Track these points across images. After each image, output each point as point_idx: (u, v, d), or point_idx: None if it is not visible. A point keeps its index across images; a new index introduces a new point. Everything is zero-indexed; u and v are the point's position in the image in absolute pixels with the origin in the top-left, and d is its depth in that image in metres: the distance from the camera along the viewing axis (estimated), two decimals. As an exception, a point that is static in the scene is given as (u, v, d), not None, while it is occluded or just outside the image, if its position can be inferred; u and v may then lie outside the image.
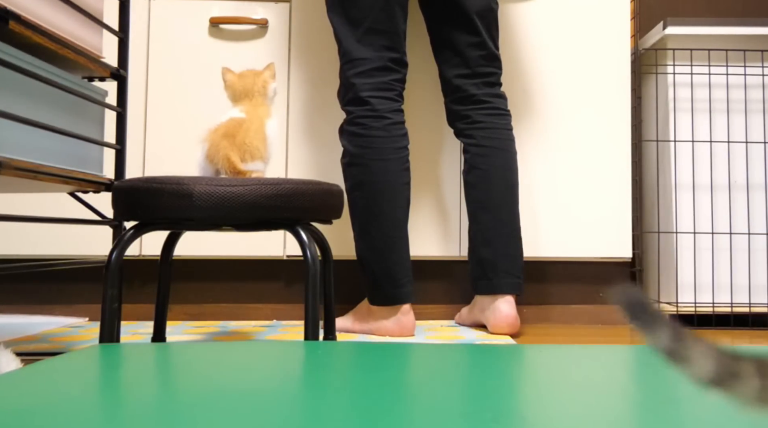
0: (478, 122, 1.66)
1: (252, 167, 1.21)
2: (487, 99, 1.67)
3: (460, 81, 1.67)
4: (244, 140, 1.21)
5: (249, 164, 1.21)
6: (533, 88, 1.92)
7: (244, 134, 1.22)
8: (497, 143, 1.65)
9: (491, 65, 1.67)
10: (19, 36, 1.06)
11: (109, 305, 1.04)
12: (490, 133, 1.66)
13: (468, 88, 1.66)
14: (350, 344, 0.85)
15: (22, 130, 1.07)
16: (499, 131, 1.67)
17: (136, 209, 1.06)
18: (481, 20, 1.64)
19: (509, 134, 1.68)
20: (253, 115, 1.27)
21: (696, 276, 1.86)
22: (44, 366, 0.69)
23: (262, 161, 1.24)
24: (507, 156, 1.66)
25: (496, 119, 1.67)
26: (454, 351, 0.79)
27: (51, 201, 1.82)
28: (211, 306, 1.90)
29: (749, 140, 1.88)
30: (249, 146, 1.21)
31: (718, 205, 1.87)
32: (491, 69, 1.67)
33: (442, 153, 1.90)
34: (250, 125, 1.24)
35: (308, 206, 1.11)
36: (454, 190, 1.89)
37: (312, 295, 1.07)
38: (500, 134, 1.67)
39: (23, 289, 1.88)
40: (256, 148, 1.22)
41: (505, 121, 1.68)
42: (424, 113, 1.90)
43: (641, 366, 0.71)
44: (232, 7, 1.88)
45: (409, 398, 0.55)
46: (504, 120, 1.68)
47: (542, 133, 1.91)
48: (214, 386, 0.60)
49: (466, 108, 1.68)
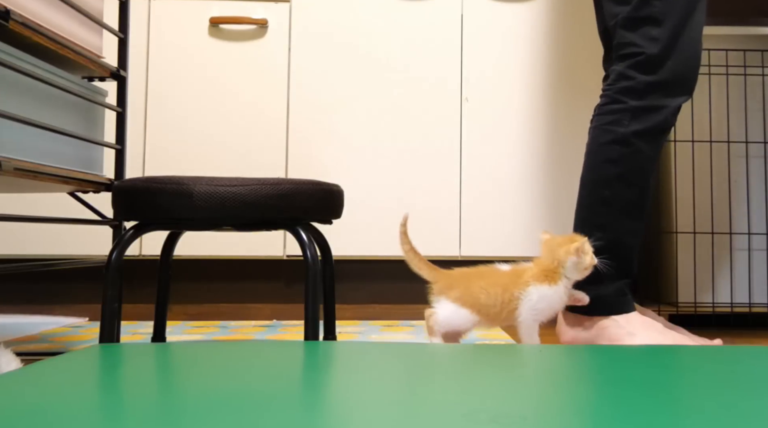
0: None
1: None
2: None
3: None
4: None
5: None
6: (534, 88, 1.92)
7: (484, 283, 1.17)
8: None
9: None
10: (19, 36, 1.06)
11: (109, 305, 1.04)
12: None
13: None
14: (350, 344, 0.85)
15: (22, 130, 1.07)
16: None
17: (136, 209, 1.06)
18: None
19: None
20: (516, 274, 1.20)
21: (696, 276, 1.86)
22: (44, 366, 0.69)
23: (458, 305, 1.18)
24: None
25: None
26: (454, 351, 0.79)
27: (51, 201, 1.82)
28: (211, 306, 1.90)
29: (749, 140, 1.88)
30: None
31: (718, 205, 1.87)
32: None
33: (443, 152, 1.90)
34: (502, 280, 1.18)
35: (308, 206, 1.11)
36: (454, 189, 1.89)
37: (312, 295, 1.07)
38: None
39: (23, 289, 1.88)
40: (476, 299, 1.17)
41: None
42: (424, 111, 1.90)
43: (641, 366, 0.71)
44: (232, 7, 1.88)
45: (409, 398, 0.55)
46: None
47: (542, 132, 1.91)
48: (214, 386, 0.60)
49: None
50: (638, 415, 0.50)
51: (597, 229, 1.33)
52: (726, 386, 0.61)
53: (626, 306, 1.35)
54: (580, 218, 1.37)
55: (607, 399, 0.55)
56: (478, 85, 1.92)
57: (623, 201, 1.33)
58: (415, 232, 1.88)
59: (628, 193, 1.33)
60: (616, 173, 1.32)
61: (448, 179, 1.89)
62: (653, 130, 1.32)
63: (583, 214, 1.36)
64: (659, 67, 1.31)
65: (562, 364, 0.71)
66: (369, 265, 1.94)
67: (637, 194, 1.33)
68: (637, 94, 1.31)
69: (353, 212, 1.88)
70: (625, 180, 1.33)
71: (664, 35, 1.30)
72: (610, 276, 1.33)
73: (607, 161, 1.33)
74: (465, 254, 1.88)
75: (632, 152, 1.32)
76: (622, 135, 1.32)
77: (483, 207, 1.90)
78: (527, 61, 1.93)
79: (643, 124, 1.31)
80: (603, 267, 1.29)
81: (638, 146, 1.32)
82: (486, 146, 1.91)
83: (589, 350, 0.81)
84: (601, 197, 1.33)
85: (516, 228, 1.90)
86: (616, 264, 1.33)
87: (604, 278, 1.32)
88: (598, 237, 1.31)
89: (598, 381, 0.63)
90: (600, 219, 1.34)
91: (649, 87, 1.31)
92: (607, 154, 1.33)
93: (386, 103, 1.90)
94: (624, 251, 1.34)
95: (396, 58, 1.91)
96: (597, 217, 1.34)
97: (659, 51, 1.30)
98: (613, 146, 1.33)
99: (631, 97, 1.32)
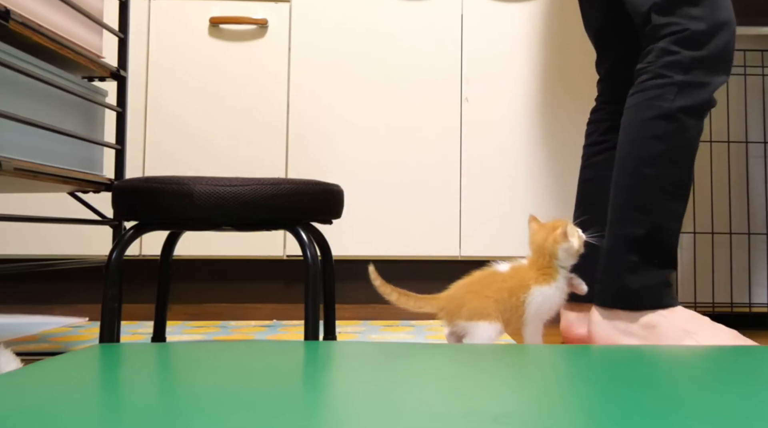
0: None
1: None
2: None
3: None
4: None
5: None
6: (534, 88, 1.92)
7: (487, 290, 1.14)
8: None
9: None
10: (19, 36, 1.06)
11: (109, 305, 1.04)
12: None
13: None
14: (350, 344, 0.85)
15: (23, 130, 1.07)
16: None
17: (136, 209, 1.06)
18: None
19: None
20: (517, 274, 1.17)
21: (696, 276, 1.86)
22: (44, 366, 0.69)
23: (486, 322, 1.13)
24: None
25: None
26: (454, 351, 0.79)
27: (51, 201, 1.82)
28: (211, 306, 1.90)
29: (749, 140, 1.88)
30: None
31: (718, 205, 1.87)
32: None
33: (443, 152, 1.90)
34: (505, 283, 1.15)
35: (308, 206, 1.11)
36: (454, 189, 1.89)
37: (312, 295, 1.07)
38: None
39: (23, 289, 1.88)
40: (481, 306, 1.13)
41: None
42: (424, 111, 1.90)
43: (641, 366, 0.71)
44: (232, 7, 1.88)
45: (409, 398, 0.55)
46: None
47: (542, 132, 1.91)
48: (214, 386, 0.60)
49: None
50: (638, 415, 0.50)
51: (639, 211, 1.24)
52: (726, 386, 0.61)
53: (672, 299, 1.24)
54: (619, 201, 1.27)
55: (607, 399, 0.55)
56: (478, 85, 1.92)
57: (668, 181, 1.23)
58: (416, 232, 1.88)
59: (674, 172, 1.23)
60: (661, 151, 1.23)
61: (448, 179, 1.89)
62: (699, 107, 1.25)
63: (622, 196, 1.26)
64: (704, 43, 1.24)
65: (563, 364, 0.71)
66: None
67: (682, 173, 1.24)
68: (683, 68, 1.24)
69: (353, 212, 1.88)
70: (670, 158, 1.23)
71: (705, 13, 1.24)
72: (653, 265, 1.24)
73: (653, 138, 1.24)
74: (465, 254, 1.88)
75: (679, 129, 1.23)
76: (668, 110, 1.23)
77: (483, 207, 1.90)
78: (527, 61, 1.93)
79: (690, 99, 1.24)
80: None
81: (685, 122, 1.24)
82: (486, 146, 1.91)
83: (589, 350, 0.81)
84: (644, 176, 1.24)
85: (516, 228, 1.90)
86: (659, 251, 1.24)
87: (645, 266, 1.23)
88: (641, 221, 1.23)
89: (599, 381, 0.63)
90: (643, 200, 1.24)
91: (694, 62, 1.24)
92: (652, 130, 1.24)
93: (386, 103, 1.90)
94: (668, 237, 1.25)
95: (396, 58, 1.91)
96: (639, 198, 1.24)
97: (704, 27, 1.24)
98: (659, 122, 1.24)
99: (676, 71, 1.24)
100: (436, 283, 1.93)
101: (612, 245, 1.27)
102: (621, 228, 1.26)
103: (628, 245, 1.25)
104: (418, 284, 1.91)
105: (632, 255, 1.24)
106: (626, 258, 1.24)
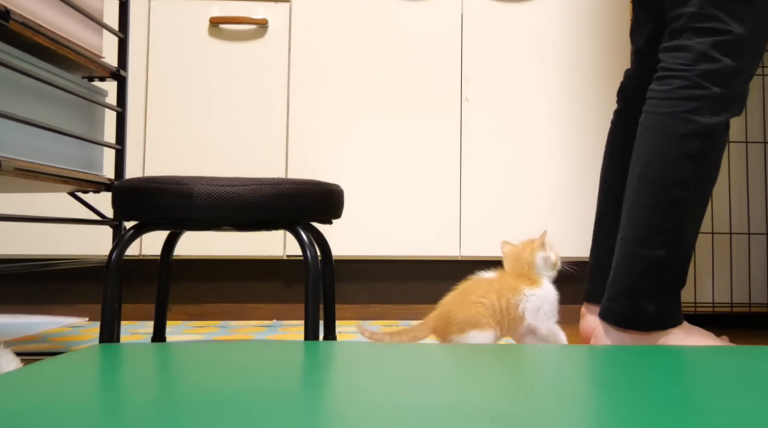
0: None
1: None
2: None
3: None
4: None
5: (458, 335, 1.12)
6: (534, 88, 1.92)
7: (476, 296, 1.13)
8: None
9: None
10: (19, 36, 1.06)
11: (109, 305, 1.04)
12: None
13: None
14: (350, 344, 0.85)
15: (22, 130, 1.07)
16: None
17: (136, 209, 1.06)
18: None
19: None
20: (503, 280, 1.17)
21: (696, 276, 1.85)
22: (44, 366, 0.69)
23: (477, 330, 1.12)
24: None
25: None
26: (454, 351, 0.79)
27: (51, 201, 1.82)
28: (211, 306, 1.90)
29: (749, 140, 1.88)
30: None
31: (718, 205, 1.87)
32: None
33: (443, 152, 1.90)
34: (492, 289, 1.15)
35: (308, 206, 1.11)
36: (454, 189, 1.89)
37: (312, 295, 1.07)
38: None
39: (23, 289, 1.88)
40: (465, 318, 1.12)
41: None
42: (424, 111, 1.90)
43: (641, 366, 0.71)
44: (232, 7, 1.88)
45: (408, 398, 0.55)
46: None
47: (542, 132, 1.91)
48: (214, 386, 0.60)
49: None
50: (638, 415, 0.50)
51: (663, 234, 1.15)
52: (726, 386, 0.61)
53: (681, 316, 1.20)
54: (640, 221, 1.17)
55: (607, 399, 0.55)
56: (478, 85, 1.92)
57: (696, 203, 1.15)
58: (416, 232, 1.88)
59: (703, 193, 1.15)
60: (694, 171, 1.13)
61: (448, 179, 1.89)
62: (729, 121, 1.16)
63: (644, 215, 1.16)
64: (744, 51, 1.13)
65: (562, 364, 0.71)
66: (369, 265, 1.94)
67: (708, 192, 1.17)
68: (723, 80, 1.13)
69: (353, 212, 1.88)
70: (701, 179, 1.14)
71: (753, 15, 1.12)
72: (670, 287, 1.17)
73: (687, 157, 1.13)
74: (465, 254, 1.88)
75: (713, 147, 1.14)
76: (705, 126, 1.12)
77: (483, 207, 1.90)
78: (527, 61, 1.93)
79: (726, 114, 1.14)
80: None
81: (719, 137, 1.14)
82: (486, 146, 1.91)
83: (589, 350, 0.81)
84: (673, 198, 1.14)
85: (516, 229, 1.90)
86: (677, 272, 1.17)
87: (663, 289, 1.17)
88: (663, 243, 1.15)
89: (599, 381, 0.63)
90: (668, 223, 1.15)
91: (734, 73, 1.13)
92: (687, 148, 1.13)
93: (386, 103, 1.90)
94: (687, 256, 1.18)
95: (396, 58, 1.91)
96: (665, 220, 1.15)
97: (746, 32, 1.12)
98: (695, 140, 1.13)
99: (715, 82, 1.13)
100: (436, 283, 1.93)
101: (630, 266, 1.19)
102: (641, 248, 1.17)
103: (648, 267, 1.17)
104: (418, 284, 1.91)
105: (651, 279, 1.17)
106: (644, 282, 1.17)
